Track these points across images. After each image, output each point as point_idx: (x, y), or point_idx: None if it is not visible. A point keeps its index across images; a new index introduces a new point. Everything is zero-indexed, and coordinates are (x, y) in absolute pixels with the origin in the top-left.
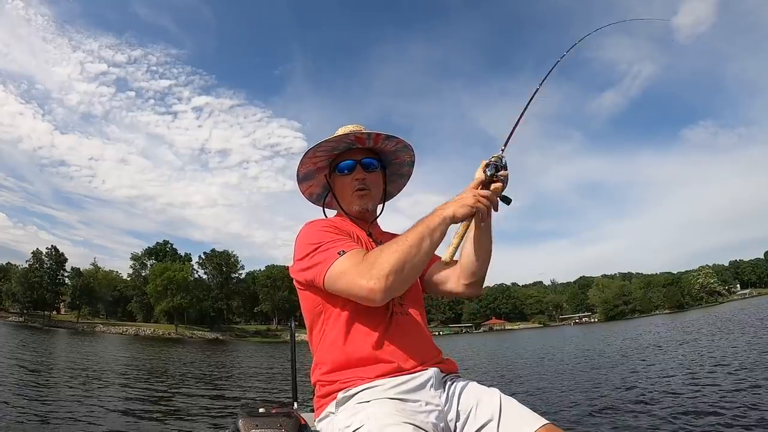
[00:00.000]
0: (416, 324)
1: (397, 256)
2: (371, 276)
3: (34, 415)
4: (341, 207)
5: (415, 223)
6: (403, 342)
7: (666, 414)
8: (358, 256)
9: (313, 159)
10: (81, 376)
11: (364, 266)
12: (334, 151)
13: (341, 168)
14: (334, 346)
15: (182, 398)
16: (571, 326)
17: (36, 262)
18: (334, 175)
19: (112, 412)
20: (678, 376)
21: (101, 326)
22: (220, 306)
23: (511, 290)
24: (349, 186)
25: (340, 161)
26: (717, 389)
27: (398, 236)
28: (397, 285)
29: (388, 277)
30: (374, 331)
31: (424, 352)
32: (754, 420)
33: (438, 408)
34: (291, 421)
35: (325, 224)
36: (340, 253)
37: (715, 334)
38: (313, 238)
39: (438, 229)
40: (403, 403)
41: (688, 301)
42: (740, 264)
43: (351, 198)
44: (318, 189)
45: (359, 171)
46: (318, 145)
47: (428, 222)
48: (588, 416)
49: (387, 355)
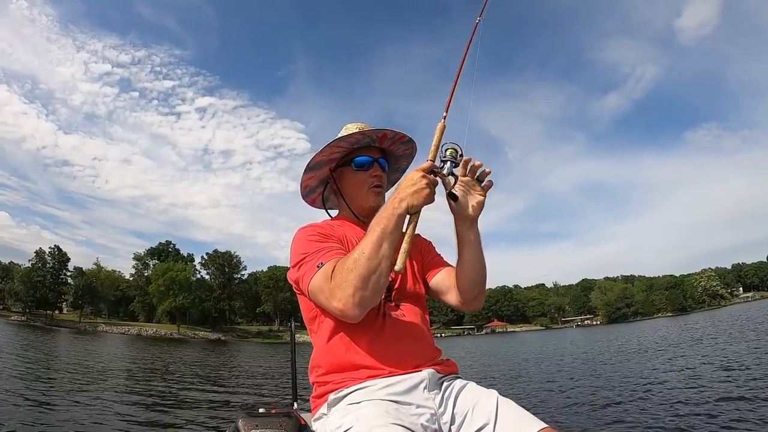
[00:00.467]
0: (412, 325)
1: (357, 273)
2: (338, 298)
3: (36, 414)
4: (347, 203)
5: (371, 225)
6: (396, 343)
7: (667, 418)
8: (327, 272)
9: (334, 149)
10: (83, 376)
11: (333, 285)
12: (355, 145)
13: (359, 163)
14: (327, 348)
15: (183, 398)
16: (573, 328)
17: (39, 262)
18: (346, 170)
19: (112, 411)
20: (680, 379)
21: (103, 326)
22: (223, 306)
23: (513, 292)
24: (366, 182)
25: (356, 156)
26: (719, 393)
27: (357, 245)
28: (367, 300)
29: (354, 296)
30: (367, 332)
31: (419, 353)
32: (757, 424)
33: (430, 410)
34: (291, 421)
35: (313, 231)
36: (319, 266)
37: (718, 336)
38: (300, 247)
39: (395, 229)
40: (394, 404)
41: (690, 304)
42: (743, 267)
43: (367, 194)
44: (314, 182)
45: (377, 168)
46: (345, 137)
47: (383, 224)
48: (588, 419)
49: (379, 357)
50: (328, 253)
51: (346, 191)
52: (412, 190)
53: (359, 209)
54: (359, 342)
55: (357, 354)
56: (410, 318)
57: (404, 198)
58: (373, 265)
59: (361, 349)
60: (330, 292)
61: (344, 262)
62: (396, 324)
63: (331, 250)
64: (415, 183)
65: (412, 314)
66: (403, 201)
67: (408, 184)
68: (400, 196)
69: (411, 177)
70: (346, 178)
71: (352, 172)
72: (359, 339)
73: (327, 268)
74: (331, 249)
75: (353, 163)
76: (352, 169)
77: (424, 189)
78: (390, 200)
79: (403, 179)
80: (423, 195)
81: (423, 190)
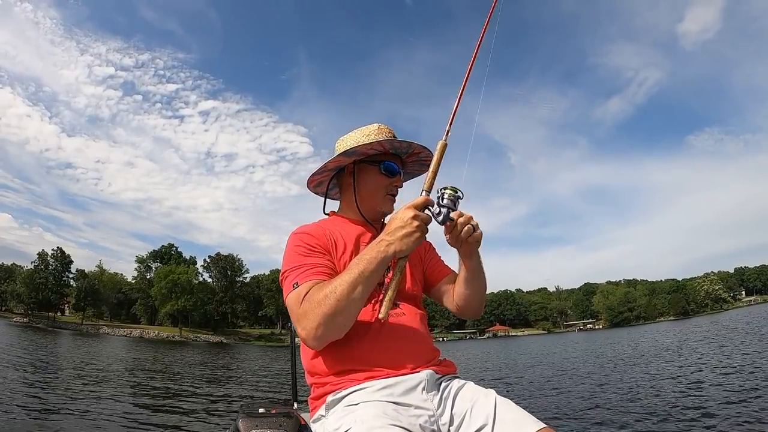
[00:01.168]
0: (411, 325)
1: (323, 310)
2: (302, 327)
3: (38, 414)
4: (356, 200)
5: (354, 260)
6: (394, 344)
7: (668, 421)
8: (299, 296)
9: (375, 146)
10: (86, 377)
11: (300, 313)
12: (391, 150)
13: (389, 168)
14: (325, 349)
15: (183, 399)
16: (575, 333)
17: (41, 264)
18: (371, 170)
19: (114, 412)
20: (683, 384)
21: (106, 328)
22: (225, 309)
23: (516, 296)
24: (385, 188)
25: (386, 161)
26: (722, 398)
27: (334, 279)
28: (328, 336)
29: (316, 330)
30: (364, 334)
31: (418, 354)
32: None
33: (428, 411)
34: (291, 421)
35: (301, 242)
36: (294, 285)
37: (722, 340)
38: (286, 258)
39: (375, 273)
40: (392, 405)
41: (693, 308)
42: (745, 271)
43: (383, 200)
44: (332, 165)
45: (399, 179)
46: (393, 141)
47: (363, 266)
48: (587, 421)
49: (377, 358)
50: (307, 271)
51: (361, 189)
52: (402, 234)
53: (370, 210)
54: (357, 343)
55: (355, 355)
56: (409, 319)
57: (392, 242)
58: (341, 307)
59: (360, 350)
60: (296, 318)
61: (316, 292)
62: (394, 325)
63: (310, 268)
64: (405, 225)
65: (411, 315)
66: (390, 245)
67: (397, 224)
68: (388, 239)
69: (402, 216)
70: (366, 176)
71: (377, 174)
72: (357, 340)
73: (300, 292)
74: (311, 267)
75: (382, 165)
76: (378, 170)
77: (414, 233)
78: (377, 241)
79: (393, 216)
80: (413, 239)
81: (413, 233)
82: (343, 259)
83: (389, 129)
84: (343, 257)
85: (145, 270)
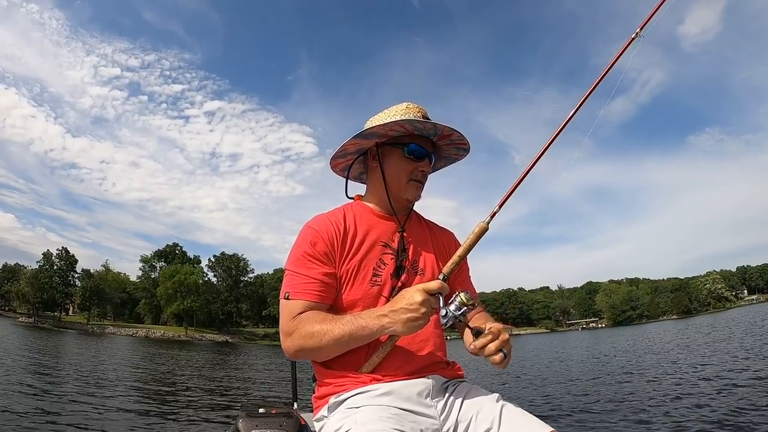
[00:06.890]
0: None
1: (309, 344)
2: (286, 341)
3: (42, 413)
4: (386, 185)
5: (352, 318)
6: (401, 347)
7: (673, 422)
8: (291, 311)
9: (397, 127)
10: (93, 376)
11: (286, 330)
12: (416, 132)
13: (413, 151)
14: None
15: (185, 399)
16: (578, 331)
17: (46, 264)
18: (394, 152)
19: (115, 411)
20: (688, 383)
21: (111, 328)
22: (230, 309)
23: (518, 295)
24: (410, 173)
25: (411, 143)
26: (725, 397)
27: (326, 322)
28: (305, 358)
29: (296, 354)
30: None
31: (425, 358)
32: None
33: (431, 416)
34: (291, 421)
35: (305, 242)
36: (286, 296)
37: (725, 339)
38: (291, 253)
39: (366, 339)
40: (394, 410)
41: (695, 306)
42: (747, 269)
43: (407, 185)
44: (353, 148)
45: (427, 163)
46: (416, 121)
47: (358, 331)
48: (593, 422)
49: (383, 361)
50: (300, 285)
51: (387, 172)
52: (405, 318)
53: (394, 198)
54: (365, 345)
55: (360, 356)
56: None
57: (394, 322)
58: (324, 350)
59: (364, 352)
60: (283, 328)
61: (306, 323)
62: None
63: (307, 282)
64: (412, 310)
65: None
66: (392, 324)
67: (404, 305)
68: (391, 317)
69: (411, 297)
70: (390, 160)
71: (400, 157)
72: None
73: (292, 309)
74: (307, 281)
75: (406, 148)
76: (402, 153)
77: (418, 320)
78: (379, 313)
79: (402, 294)
80: (415, 326)
81: (417, 320)
82: (349, 265)
83: (419, 108)
84: (349, 259)
85: (149, 270)
